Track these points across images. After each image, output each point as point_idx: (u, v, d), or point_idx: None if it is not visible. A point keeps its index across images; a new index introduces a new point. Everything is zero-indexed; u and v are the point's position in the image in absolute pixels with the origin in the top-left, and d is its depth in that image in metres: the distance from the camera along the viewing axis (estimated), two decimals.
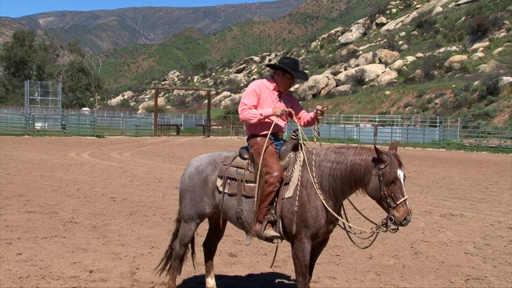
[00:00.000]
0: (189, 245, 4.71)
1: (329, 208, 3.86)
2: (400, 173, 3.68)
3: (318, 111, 4.17)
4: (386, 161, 3.67)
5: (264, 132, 4.30)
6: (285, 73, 4.31)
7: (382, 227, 3.76)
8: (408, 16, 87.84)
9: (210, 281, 4.69)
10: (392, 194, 3.67)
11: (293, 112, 4.37)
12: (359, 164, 3.77)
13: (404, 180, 3.71)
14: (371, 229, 3.92)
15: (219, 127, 46.82)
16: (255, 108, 4.31)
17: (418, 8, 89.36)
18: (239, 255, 6.11)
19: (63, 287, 4.81)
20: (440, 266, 5.90)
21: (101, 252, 5.98)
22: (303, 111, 4.49)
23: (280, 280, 5.26)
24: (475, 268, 5.83)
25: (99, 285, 4.89)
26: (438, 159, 22.53)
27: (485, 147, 30.67)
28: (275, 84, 4.40)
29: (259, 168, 4.12)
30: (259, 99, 4.33)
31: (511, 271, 5.74)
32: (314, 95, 66.64)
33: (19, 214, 7.90)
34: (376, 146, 3.74)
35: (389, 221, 3.70)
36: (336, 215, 3.90)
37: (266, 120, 4.31)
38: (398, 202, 3.65)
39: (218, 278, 5.11)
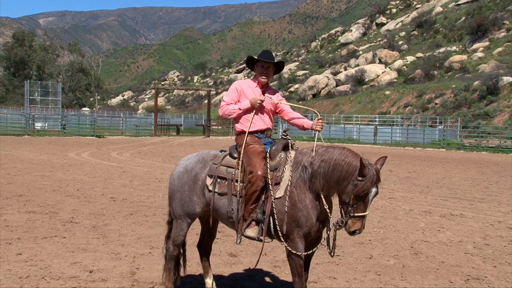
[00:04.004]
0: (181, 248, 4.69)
1: (325, 205, 3.85)
2: (373, 190, 3.68)
3: (318, 126, 4.16)
4: (365, 175, 3.64)
5: (253, 130, 4.32)
6: (258, 63, 4.39)
7: (336, 225, 3.81)
8: (408, 16, 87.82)
9: (209, 281, 4.69)
10: (355, 206, 3.69)
11: (272, 98, 4.38)
12: (341, 166, 3.75)
13: (374, 196, 3.72)
14: (328, 234, 3.98)
15: (219, 127, 46.80)
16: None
17: (418, 8, 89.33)
18: (239, 255, 6.11)
19: (63, 287, 4.81)
20: (440, 266, 5.90)
21: (101, 252, 5.98)
22: (291, 111, 4.50)
23: (280, 280, 5.26)
24: (475, 268, 5.83)
25: (99, 285, 4.89)
26: (438, 159, 22.52)
27: (485, 147, 30.65)
28: (257, 81, 4.45)
29: (241, 166, 4.17)
30: (240, 95, 4.39)
31: (511, 271, 5.74)
32: (314, 95, 66.61)
33: (19, 214, 7.90)
34: (362, 158, 3.68)
35: (340, 224, 3.77)
36: (328, 212, 3.89)
37: (249, 116, 4.33)
38: (356, 215, 3.69)
39: (218, 278, 5.11)
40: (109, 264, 5.53)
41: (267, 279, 5.29)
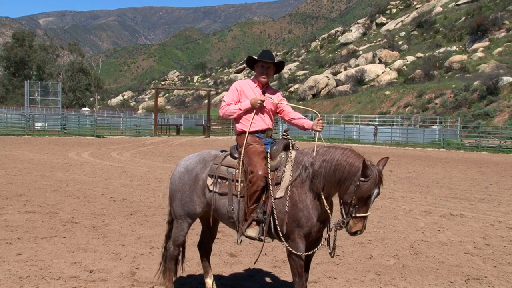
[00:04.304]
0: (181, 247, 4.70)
1: (326, 206, 3.85)
2: (375, 191, 3.68)
3: (318, 127, 4.15)
4: (368, 176, 3.63)
5: (253, 130, 4.32)
6: (258, 63, 4.39)
7: (337, 226, 3.81)
8: (408, 16, 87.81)
9: (209, 281, 4.69)
10: (357, 206, 3.69)
11: (272, 98, 4.39)
12: (344, 166, 3.74)
13: (375, 197, 3.72)
14: (328, 234, 4.01)
15: (219, 127, 46.78)
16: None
17: (418, 8, 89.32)
18: (239, 255, 6.11)
19: (63, 287, 4.81)
20: (440, 266, 5.90)
21: (101, 252, 5.98)
22: (292, 111, 4.49)
23: (280, 280, 5.26)
24: (475, 268, 5.83)
25: (99, 285, 4.89)
26: (438, 159, 22.52)
27: (485, 147, 30.65)
28: (258, 81, 4.46)
29: (241, 166, 4.19)
30: (241, 96, 4.40)
31: (511, 271, 5.74)
32: (314, 95, 66.60)
33: (19, 214, 7.90)
34: (365, 159, 3.67)
35: (341, 224, 3.77)
36: (329, 212, 3.89)
37: (250, 116, 4.34)
38: (358, 215, 3.70)
39: (218, 278, 5.11)
40: (109, 264, 5.53)
41: (267, 279, 5.29)
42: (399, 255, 6.29)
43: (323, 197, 3.85)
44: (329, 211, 3.87)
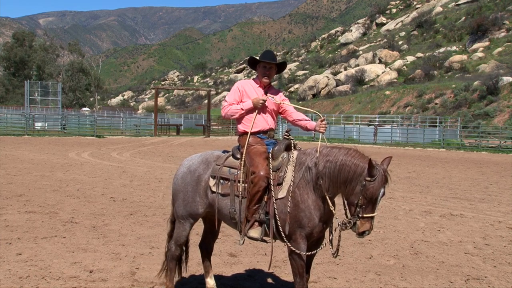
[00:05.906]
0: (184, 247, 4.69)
1: (332, 207, 3.84)
2: (381, 191, 3.69)
3: (322, 128, 4.17)
4: (374, 176, 3.64)
5: (255, 130, 4.32)
6: (260, 64, 4.39)
7: (343, 226, 3.81)
8: (408, 16, 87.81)
9: (210, 281, 4.68)
10: (364, 207, 3.70)
11: (274, 98, 4.38)
12: (349, 166, 3.74)
13: (381, 197, 3.72)
14: (332, 234, 4.03)
15: (219, 127, 46.77)
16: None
17: (418, 8, 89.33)
18: (239, 255, 6.11)
19: (63, 287, 4.81)
20: (440, 266, 5.90)
21: (101, 252, 5.98)
22: (295, 111, 4.47)
23: (280, 280, 5.26)
24: (475, 268, 5.83)
25: (99, 285, 4.89)
26: (438, 159, 22.52)
27: (485, 147, 30.65)
28: (259, 81, 4.45)
29: (243, 166, 4.18)
30: (243, 96, 4.39)
31: (511, 271, 5.74)
32: (314, 95, 66.61)
33: (19, 214, 7.90)
34: (371, 159, 3.66)
35: (348, 224, 3.76)
36: (334, 213, 3.89)
37: (252, 116, 4.32)
38: (365, 216, 3.70)
39: (218, 278, 5.11)
40: (109, 264, 5.53)
41: (267, 279, 5.29)
42: (399, 255, 6.29)
43: (327, 198, 3.85)
44: (334, 211, 3.87)
